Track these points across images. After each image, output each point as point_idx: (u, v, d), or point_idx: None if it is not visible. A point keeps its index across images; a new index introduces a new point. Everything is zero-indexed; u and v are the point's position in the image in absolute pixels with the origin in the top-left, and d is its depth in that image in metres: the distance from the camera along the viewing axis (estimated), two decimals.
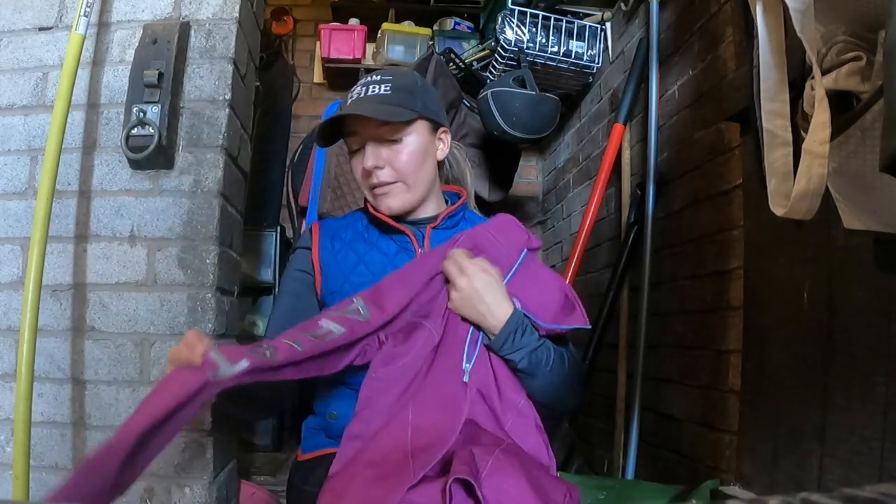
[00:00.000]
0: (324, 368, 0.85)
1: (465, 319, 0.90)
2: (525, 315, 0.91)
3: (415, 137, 1.00)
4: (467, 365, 0.88)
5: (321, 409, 1.00)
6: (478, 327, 0.90)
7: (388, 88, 0.98)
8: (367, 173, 0.99)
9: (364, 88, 0.99)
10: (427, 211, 1.04)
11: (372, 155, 0.98)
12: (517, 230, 1.00)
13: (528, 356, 0.89)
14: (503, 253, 0.96)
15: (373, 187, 1.00)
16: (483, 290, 0.88)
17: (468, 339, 0.90)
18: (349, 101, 0.99)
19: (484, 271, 0.89)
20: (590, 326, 0.97)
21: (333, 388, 0.99)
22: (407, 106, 0.97)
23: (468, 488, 0.71)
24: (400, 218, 1.02)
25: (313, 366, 0.83)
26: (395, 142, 0.98)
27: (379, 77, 1.00)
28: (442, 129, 1.05)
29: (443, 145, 1.06)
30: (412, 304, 0.90)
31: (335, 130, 1.02)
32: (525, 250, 0.98)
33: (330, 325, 0.86)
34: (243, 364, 0.75)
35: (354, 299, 0.90)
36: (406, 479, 0.73)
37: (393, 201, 1.00)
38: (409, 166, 0.99)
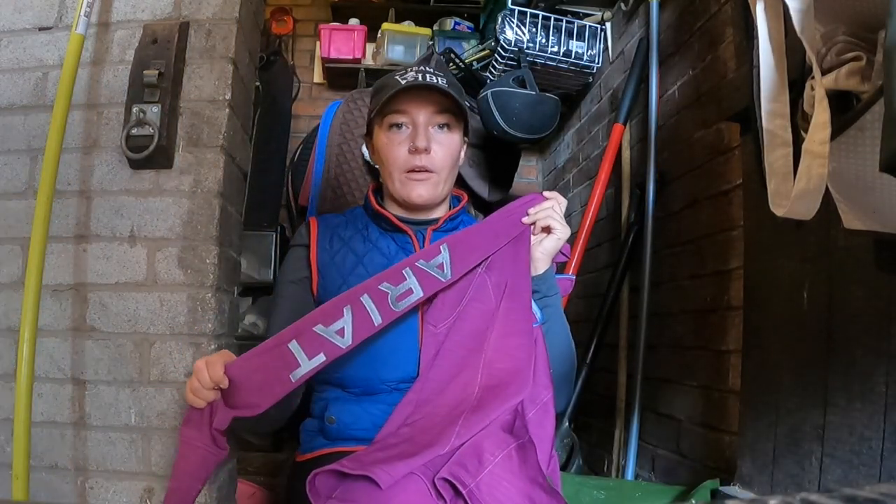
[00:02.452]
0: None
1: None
2: None
3: (456, 135, 1.03)
4: (536, 309, 0.95)
5: (319, 413, 1.00)
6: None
7: (444, 82, 0.99)
8: (411, 154, 0.98)
9: (420, 75, 0.99)
10: (434, 212, 1.05)
11: (425, 136, 0.98)
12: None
13: (556, 308, 0.98)
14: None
15: (411, 169, 0.99)
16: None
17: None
18: (405, 82, 0.98)
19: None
20: (573, 278, 1.14)
21: (331, 393, 0.99)
22: (462, 101, 1.00)
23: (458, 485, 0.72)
24: (405, 216, 1.03)
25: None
26: (444, 127, 1.00)
27: (432, 69, 1.01)
28: (465, 136, 1.07)
29: (463, 153, 1.07)
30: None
31: (376, 111, 1.02)
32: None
33: (412, 283, 0.87)
34: (321, 358, 0.79)
35: (441, 247, 0.92)
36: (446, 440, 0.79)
37: (424, 190, 1.00)
38: (448, 160, 1.01)
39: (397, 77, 1.00)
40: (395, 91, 0.97)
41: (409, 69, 1.02)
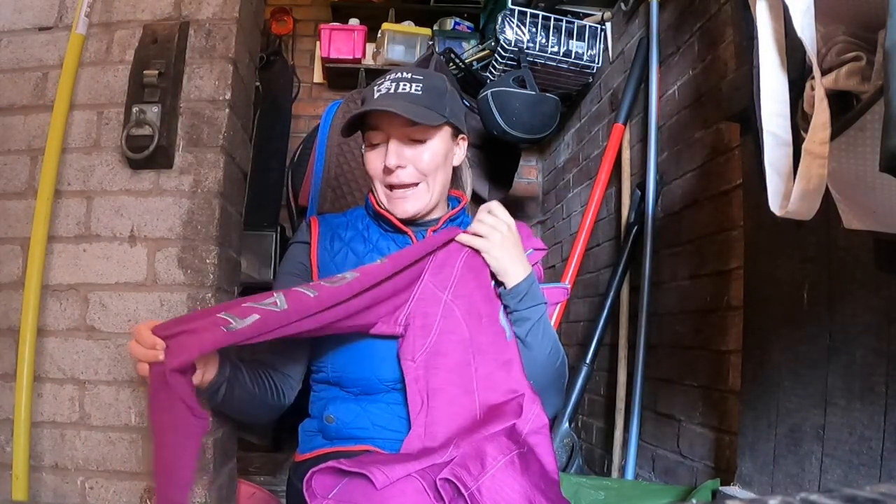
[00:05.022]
0: (342, 320, 0.84)
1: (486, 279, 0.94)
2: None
3: (439, 140, 0.99)
4: (505, 323, 0.93)
5: (318, 412, 1.00)
6: (497, 283, 0.95)
7: (419, 88, 0.96)
8: (388, 171, 0.97)
9: (394, 84, 0.97)
10: (434, 213, 1.04)
11: (395, 154, 0.96)
12: (525, 231, 1.05)
13: (533, 326, 0.94)
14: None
15: (391, 187, 0.98)
16: (514, 240, 0.95)
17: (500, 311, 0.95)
18: (377, 95, 0.96)
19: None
20: (567, 286, 1.07)
21: (330, 392, 0.99)
22: (437, 109, 0.96)
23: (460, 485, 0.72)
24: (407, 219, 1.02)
25: (330, 314, 0.81)
26: (419, 142, 0.97)
27: (409, 75, 0.98)
28: (461, 135, 1.05)
29: (459, 151, 1.05)
30: (427, 271, 0.93)
31: (355, 123, 1.00)
32: (531, 249, 1.01)
33: (345, 273, 0.86)
34: (254, 317, 0.75)
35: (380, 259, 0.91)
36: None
37: (410, 206, 0.98)
38: (430, 168, 0.98)
39: (374, 88, 0.98)
40: (364, 111, 0.96)
41: (388, 76, 1.00)
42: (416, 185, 0.98)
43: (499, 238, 0.93)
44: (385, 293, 0.89)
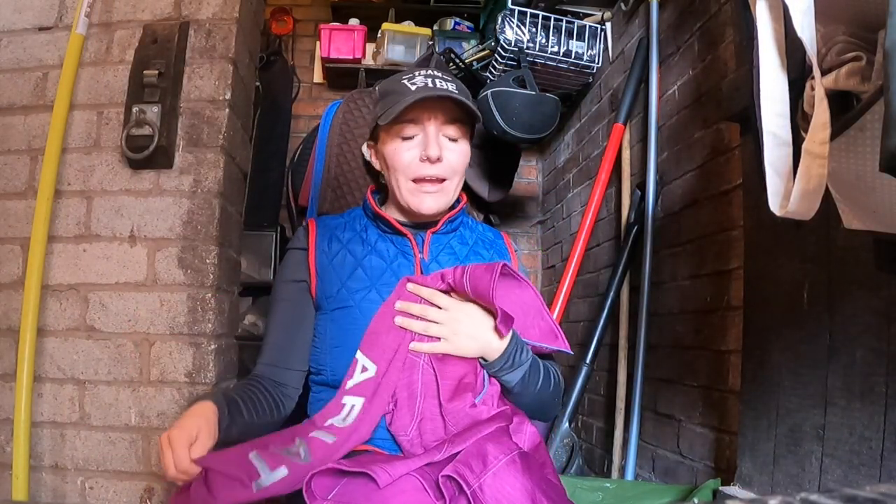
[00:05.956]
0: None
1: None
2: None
3: (466, 143, 1.00)
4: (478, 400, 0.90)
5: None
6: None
7: (455, 88, 0.96)
8: (421, 163, 0.95)
9: (429, 80, 0.96)
10: (436, 215, 1.03)
11: (437, 144, 0.95)
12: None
13: (521, 378, 0.91)
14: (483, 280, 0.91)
15: (420, 180, 0.96)
16: (471, 321, 0.89)
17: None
18: (414, 88, 0.95)
19: (459, 307, 0.90)
20: (571, 352, 0.99)
21: (329, 394, 0.98)
22: (473, 107, 0.97)
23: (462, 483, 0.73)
24: (405, 219, 1.02)
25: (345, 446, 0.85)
26: (453, 140, 0.98)
27: (440, 73, 0.98)
28: (472, 139, 1.05)
29: (469, 155, 1.05)
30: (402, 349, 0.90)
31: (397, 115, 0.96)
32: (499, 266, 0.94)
33: (353, 400, 0.88)
34: (282, 472, 0.77)
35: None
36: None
37: (434, 201, 0.97)
38: (459, 167, 0.98)
39: (405, 82, 0.97)
40: (412, 102, 0.93)
41: (416, 73, 0.99)
42: (444, 181, 0.98)
43: (451, 334, 0.89)
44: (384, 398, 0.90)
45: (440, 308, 0.91)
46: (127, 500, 1.04)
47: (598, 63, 2.30)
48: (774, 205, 0.76)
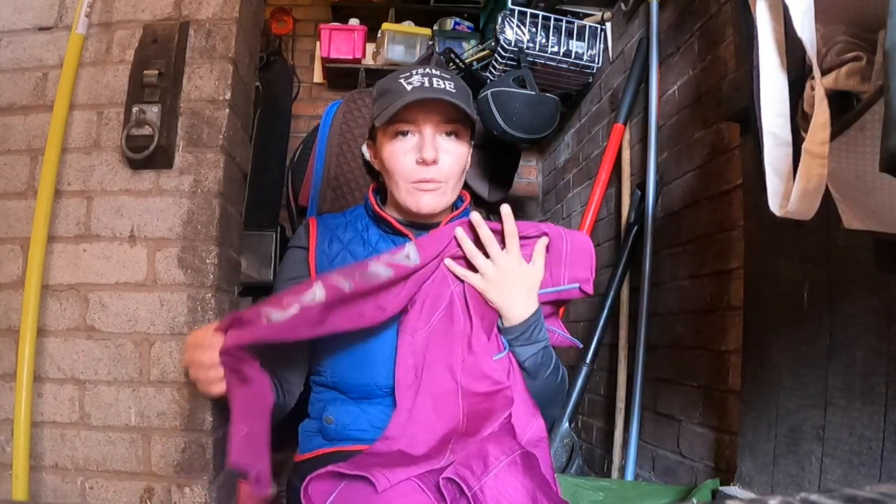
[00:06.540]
0: (366, 314, 0.86)
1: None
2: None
3: (464, 142, 0.99)
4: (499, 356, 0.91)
5: (317, 413, 1.00)
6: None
7: (452, 87, 0.95)
8: (419, 165, 0.95)
9: (426, 79, 0.95)
10: (436, 215, 1.02)
11: (433, 147, 0.94)
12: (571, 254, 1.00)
13: (534, 355, 0.91)
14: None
15: (419, 180, 0.96)
16: (518, 280, 0.91)
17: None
18: (410, 88, 0.94)
19: (517, 259, 0.92)
20: (580, 345, 1.01)
21: (329, 395, 0.99)
22: (470, 108, 0.96)
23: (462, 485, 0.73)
24: (406, 219, 1.02)
25: (356, 310, 0.85)
26: (450, 140, 0.96)
27: (439, 72, 0.97)
28: (472, 140, 1.04)
29: (468, 157, 1.04)
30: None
31: (393, 116, 0.96)
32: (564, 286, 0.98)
33: (378, 268, 0.87)
34: (294, 308, 0.80)
35: (407, 245, 0.91)
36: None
37: (432, 199, 0.96)
38: (455, 168, 0.97)
39: (402, 81, 0.96)
40: (408, 102, 0.92)
41: (413, 71, 0.97)
42: (441, 182, 0.97)
43: (496, 279, 0.91)
44: (411, 287, 0.90)
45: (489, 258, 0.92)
46: (127, 500, 1.04)
47: (598, 63, 2.30)
48: (774, 205, 0.76)
